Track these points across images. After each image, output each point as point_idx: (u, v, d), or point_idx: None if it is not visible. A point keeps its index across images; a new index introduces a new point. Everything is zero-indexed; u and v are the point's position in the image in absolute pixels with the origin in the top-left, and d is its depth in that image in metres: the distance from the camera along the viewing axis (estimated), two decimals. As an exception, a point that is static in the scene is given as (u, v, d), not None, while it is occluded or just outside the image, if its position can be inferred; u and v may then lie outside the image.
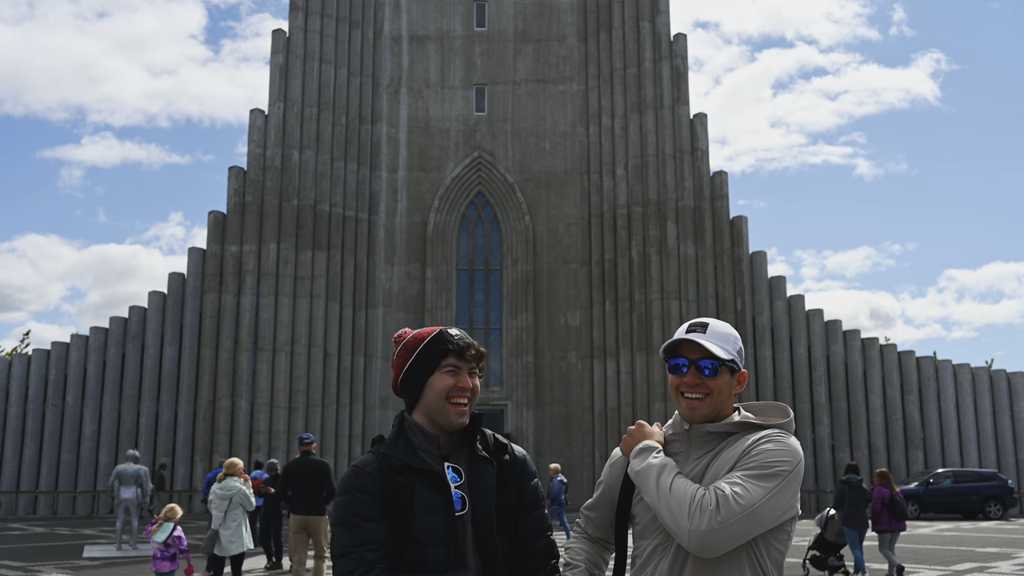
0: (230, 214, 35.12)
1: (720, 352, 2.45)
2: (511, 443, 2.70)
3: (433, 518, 2.43)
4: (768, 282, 36.20)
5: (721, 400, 2.48)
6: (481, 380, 2.65)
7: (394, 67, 39.19)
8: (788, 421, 2.51)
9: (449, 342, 2.56)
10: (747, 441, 2.42)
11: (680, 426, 2.54)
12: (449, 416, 2.52)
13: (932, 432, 35.29)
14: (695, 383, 2.46)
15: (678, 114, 37.05)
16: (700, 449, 2.49)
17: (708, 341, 2.45)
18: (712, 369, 2.45)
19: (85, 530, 24.30)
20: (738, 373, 2.53)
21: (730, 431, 2.47)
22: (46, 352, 33.94)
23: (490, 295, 38.44)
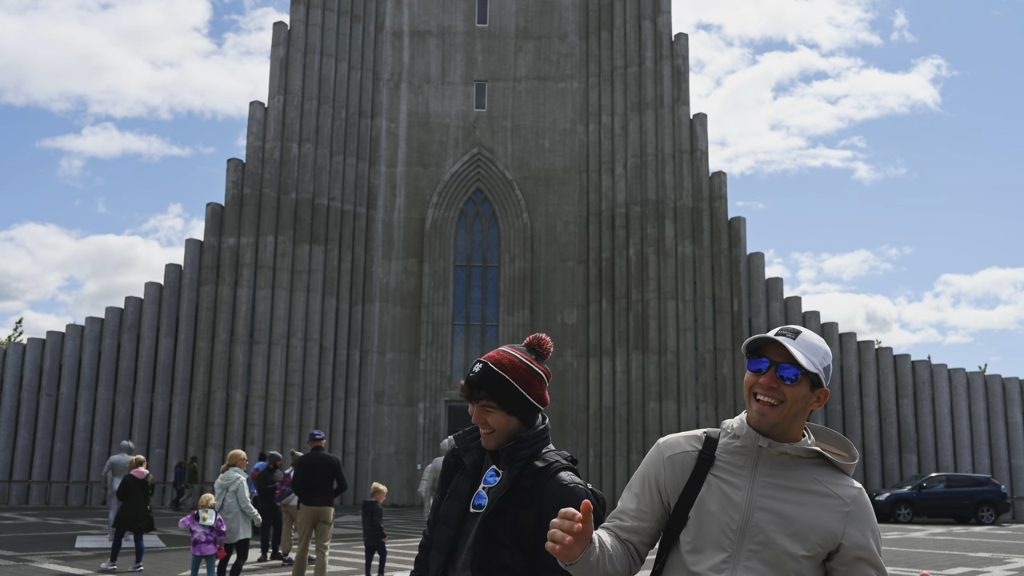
0: (228, 206, 35.07)
1: (804, 362, 2.30)
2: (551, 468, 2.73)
3: (453, 503, 2.80)
4: (765, 283, 36.21)
5: (794, 413, 2.34)
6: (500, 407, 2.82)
7: (395, 62, 39.14)
8: (854, 464, 2.42)
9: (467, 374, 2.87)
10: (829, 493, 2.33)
11: (752, 438, 2.36)
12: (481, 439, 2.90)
13: (926, 436, 35.34)
14: (771, 386, 2.32)
15: (678, 114, 37.03)
16: (770, 467, 2.35)
17: (795, 348, 2.32)
18: (792, 377, 2.31)
19: (78, 520, 24.27)
20: (819, 390, 2.38)
21: (804, 456, 2.36)
22: (41, 341, 33.87)
23: (487, 292, 38.42)
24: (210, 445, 33.10)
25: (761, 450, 2.35)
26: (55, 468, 32.73)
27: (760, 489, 2.32)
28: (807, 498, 2.30)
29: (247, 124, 35.96)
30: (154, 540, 18.47)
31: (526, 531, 2.66)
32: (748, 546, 2.28)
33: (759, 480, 2.33)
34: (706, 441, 2.45)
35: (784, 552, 2.25)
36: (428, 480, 16.21)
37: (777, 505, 2.29)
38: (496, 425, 2.80)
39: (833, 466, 2.38)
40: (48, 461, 32.86)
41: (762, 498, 2.30)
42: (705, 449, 2.43)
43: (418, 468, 35.33)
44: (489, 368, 2.80)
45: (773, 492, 2.31)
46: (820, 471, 2.35)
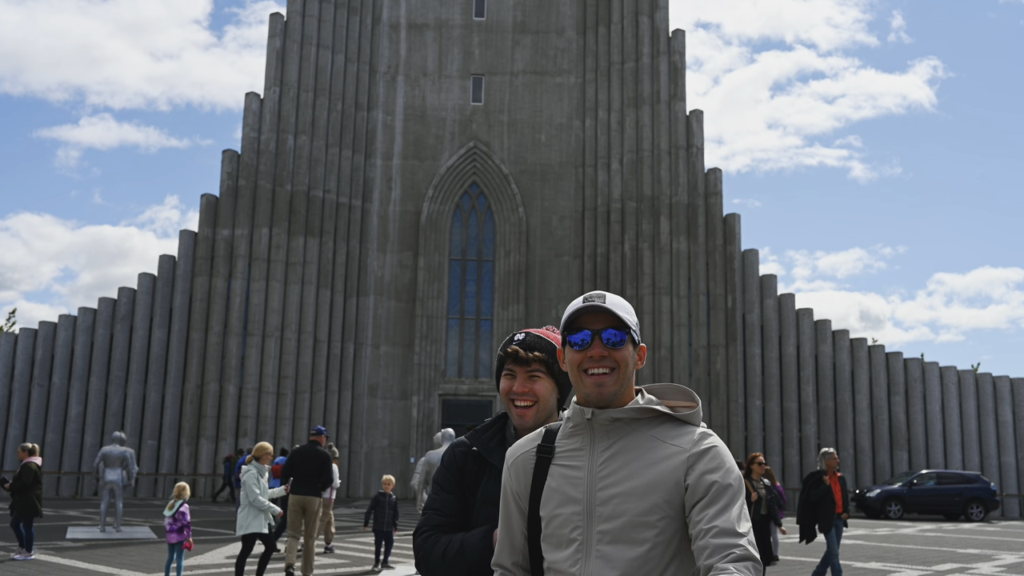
0: (223, 197, 35.00)
1: (624, 317, 2.23)
2: None
3: (491, 510, 2.58)
4: (759, 280, 36.27)
5: (628, 375, 2.24)
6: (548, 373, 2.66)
7: (391, 54, 39.06)
8: (696, 410, 2.26)
9: (505, 347, 2.69)
10: (670, 446, 2.19)
11: (580, 416, 2.24)
12: (513, 417, 2.65)
13: (917, 433, 35.47)
14: (602, 355, 2.20)
15: (674, 110, 37.03)
16: (606, 439, 2.22)
17: (611, 307, 2.23)
18: (617, 339, 2.21)
19: (69, 511, 24.26)
20: (638, 347, 2.28)
21: (635, 417, 2.23)
22: (33, 332, 33.80)
23: (482, 286, 38.42)
24: (203, 437, 33.07)
25: (593, 424, 2.23)
26: (47, 459, 32.68)
27: (599, 465, 2.19)
28: (648, 458, 2.17)
29: (243, 115, 35.88)
30: (145, 532, 18.47)
31: None
32: (598, 527, 2.15)
33: (597, 456, 2.21)
34: (545, 434, 2.35)
35: (635, 524, 2.12)
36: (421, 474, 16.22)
37: (618, 475, 2.17)
38: (541, 394, 2.63)
39: (675, 420, 2.25)
40: (40, 452, 32.81)
41: (603, 473, 2.18)
42: (544, 442, 2.33)
43: (411, 462, 35.36)
44: (536, 335, 2.68)
45: (613, 463, 2.19)
46: (660, 428, 2.22)
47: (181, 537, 10.96)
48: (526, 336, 2.68)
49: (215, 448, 33.23)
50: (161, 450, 33.19)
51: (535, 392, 2.62)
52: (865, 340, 36.37)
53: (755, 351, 35.36)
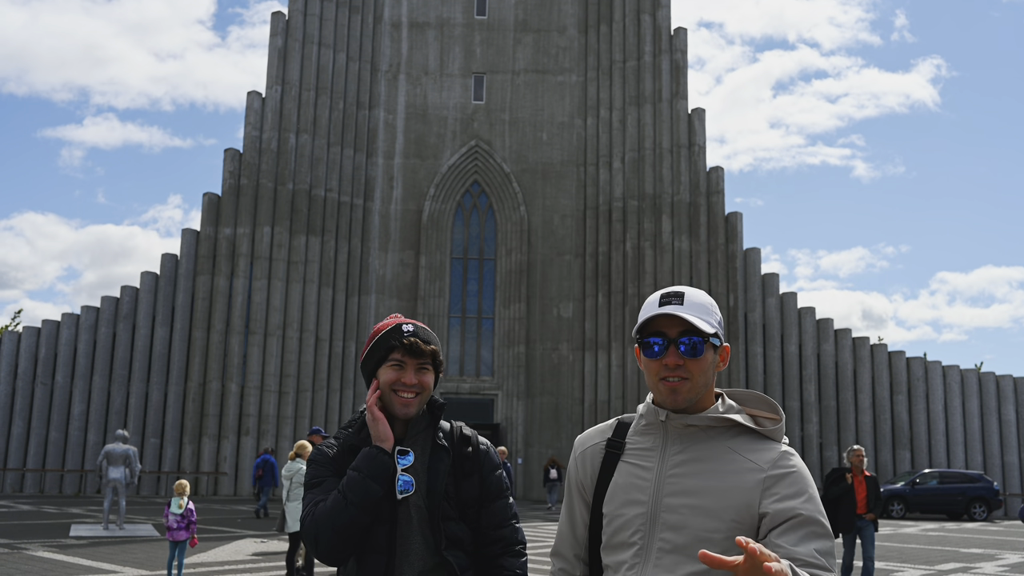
0: (225, 196, 35.00)
1: (703, 325, 2.07)
2: (475, 434, 2.76)
3: None
4: (761, 279, 36.25)
5: (705, 382, 2.11)
6: (441, 374, 2.73)
7: (393, 53, 39.05)
8: (780, 425, 2.14)
9: (397, 338, 2.64)
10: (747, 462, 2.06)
11: (655, 415, 2.15)
12: (394, 407, 2.63)
13: (920, 432, 35.45)
14: (677, 364, 2.08)
15: (676, 108, 37.00)
16: (679, 443, 2.12)
17: (688, 313, 2.08)
18: (693, 346, 2.08)
19: (72, 509, 24.28)
20: (721, 348, 2.15)
21: (713, 424, 2.11)
22: (36, 330, 33.81)
23: (483, 284, 38.42)
24: (205, 435, 33.09)
25: (667, 425, 2.13)
26: (50, 457, 32.71)
27: (670, 469, 2.09)
28: (722, 470, 2.05)
29: (245, 114, 35.89)
30: (148, 529, 18.49)
31: (469, 501, 2.65)
32: (660, 535, 2.05)
33: (668, 459, 2.11)
34: (616, 427, 2.26)
35: (699, 539, 2.00)
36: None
37: (688, 483, 2.06)
38: (428, 385, 2.67)
39: (755, 432, 2.12)
40: (43, 450, 32.84)
41: (672, 479, 2.08)
42: (615, 436, 2.24)
43: (413, 460, 35.34)
44: (422, 327, 2.71)
45: (684, 470, 2.08)
46: (738, 440, 2.10)
47: (188, 534, 11.13)
48: (415, 327, 2.68)
49: (217, 446, 33.25)
50: (164, 448, 33.21)
51: (423, 384, 2.65)
52: (867, 339, 36.35)
53: (757, 350, 35.35)
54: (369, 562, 2.58)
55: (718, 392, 2.20)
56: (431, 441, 2.68)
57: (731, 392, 2.23)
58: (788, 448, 2.13)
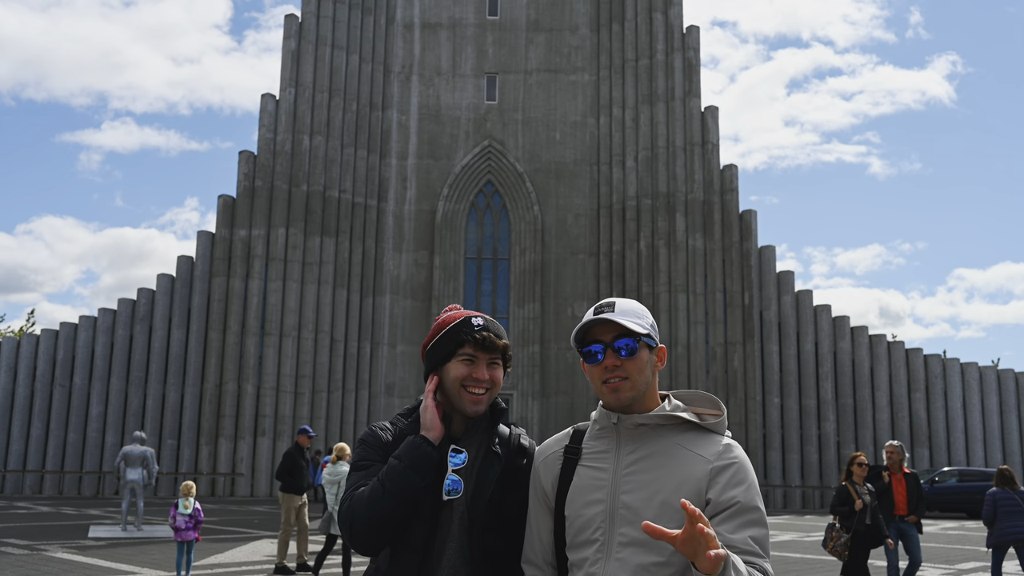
0: (240, 198, 35.14)
1: (635, 327, 2.26)
2: (533, 445, 2.65)
3: None
4: (776, 277, 36.09)
5: (644, 380, 2.29)
6: (509, 371, 2.64)
7: (405, 54, 39.10)
8: (722, 419, 2.31)
9: (468, 332, 2.55)
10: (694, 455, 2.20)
11: (607, 419, 2.32)
12: (464, 404, 2.53)
13: (938, 430, 35.21)
14: (615, 365, 2.27)
15: (689, 106, 36.90)
16: (631, 444, 2.28)
17: (619, 318, 2.28)
18: (628, 349, 2.26)
19: (91, 510, 24.42)
20: (656, 349, 2.34)
21: (660, 423, 2.28)
22: (54, 332, 34.03)
23: (497, 284, 38.42)
24: (222, 436, 33.23)
25: (619, 427, 2.29)
26: (68, 458, 32.91)
27: (624, 468, 2.25)
28: (672, 465, 2.21)
29: (258, 116, 36.01)
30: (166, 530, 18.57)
31: (512, 514, 2.52)
32: (619, 530, 2.19)
33: (623, 459, 2.26)
34: (573, 435, 2.43)
35: None
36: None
37: (641, 479, 2.21)
38: (498, 380, 2.58)
39: (701, 428, 2.29)
40: (61, 451, 33.04)
41: (627, 476, 2.23)
42: (572, 442, 2.40)
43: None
44: (491, 320, 2.64)
45: (637, 467, 2.23)
46: (685, 436, 2.26)
47: (196, 533, 11.32)
48: (485, 321, 2.60)
49: (234, 447, 33.38)
50: (181, 449, 33.35)
51: (494, 379, 2.56)
52: (884, 336, 36.13)
53: (773, 348, 35.20)
54: (403, 559, 2.48)
55: (664, 394, 2.38)
56: (486, 445, 2.57)
57: (676, 393, 2.40)
58: (731, 441, 2.29)
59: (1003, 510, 10.53)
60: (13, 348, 33.68)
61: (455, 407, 2.55)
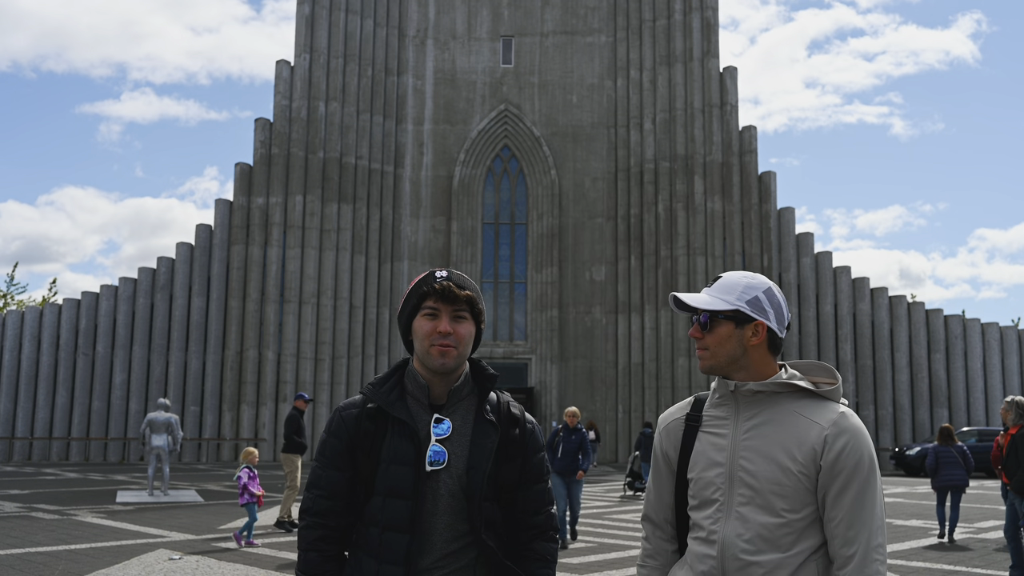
0: (256, 166, 35.18)
1: (710, 304, 2.38)
2: (523, 412, 2.57)
3: (400, 469, 2.34)
4: (795, 239, 35.88)
5: (725, 353, 2.39)
6: (481, 327, 2.50)
7: (420, 18, 38.81)
8: (837, 387, 2.39)
9: (428, 284, 2.41)
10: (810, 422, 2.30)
11: (725, 387, 2.42)
12: (432, 358, 2.38)
13: (958, 391, 35.10)
14: (695, 336, 2.43)
15: (707, 67, 36.51)
16: (749, 410, 2.38)
17: (705, 294, 2.42)
18: (703, 323, 2.40)
19: (117, 476, 24.81)
20: (751, 324, 2.38)
21: (776, 390, 2.36)
22: (76, 302, 34.35)
23: (515, 249, 38.41)
24: (243, 403, 33.58)
25: (737, 395, 2.39)
26: (93, 425, 33.37)
27: (742, 433, 2.35)
28: (788, 431, 2.31)
29: (274, 83, 35.93)
30: (192, 495, 18.86)
31: (507, 483, 2.45)
32: (738, 490, 2.30)
33: (741, 425, 2.37)
34: (694, 403, 2.52)
35: (771, 491, 2.26)
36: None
37: (758, 443, 2.32)
38: (463, 337, 2.41)
39: (816, 396, 2.37)
40: (87, 419, 33.51)
41: (745, 441, 2.34)
42: (693, 410, 2.50)
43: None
44: (458, 273, 2.49)
45: (754, 432, 2.34)
46: (801, 403, 2.35)
47: (242, 500, 11.67)
48: (449, 272, 2.45)
49: (255, 413, 33.74)
50: (204, 416, 33.75)
51: (458, 335, 2.39)
52: (904, 297, 35.93)
53: (792, 310, 35.09)
54: (387, 541, 2.33)
55: (781, 364, 2.46)
56: (474, 413, 2.45)
57: (794, 364, 2.48)
58: (846, 409, 2.37)
59: (943, 461, 12.95)
60: (36, 317, 34.05)
61: (429, 369, 2.41)
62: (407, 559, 2.31)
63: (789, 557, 2.24)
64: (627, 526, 14.43)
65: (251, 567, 9.91)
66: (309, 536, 2.41)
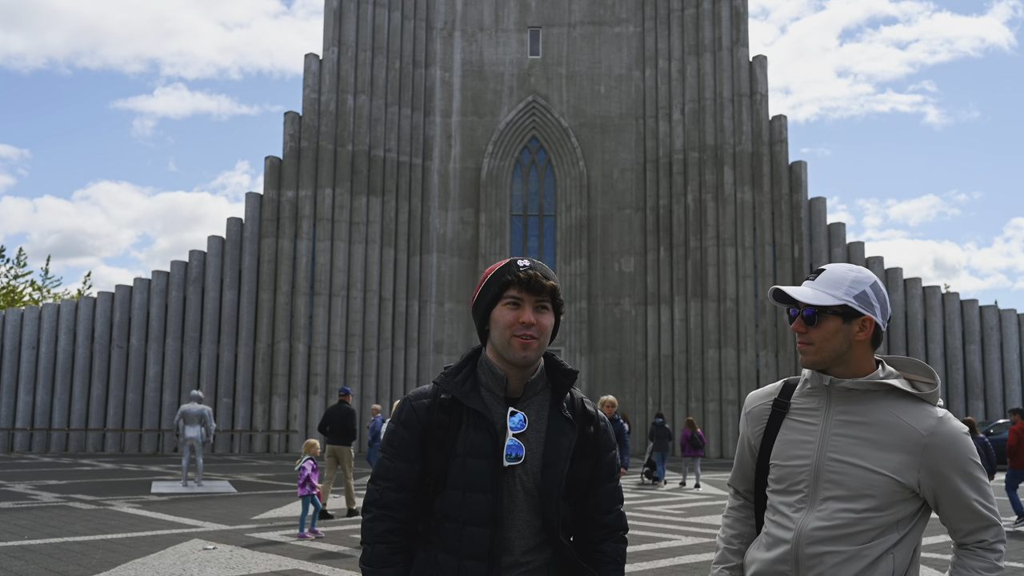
0: (286, 159, 35.41)
1: (817, 299, 2.30)
2: (596, 410, 2.51)
3: (477, 462, 2.27)
4: (827, 229, 35.55)
5: (831, 349, 2.32)
6: (562, 318, 2.42)
7: (448, 10, 38.81)
8: (936, 390, 2.33)
9: (511, 272, 2.33)
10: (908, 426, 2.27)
11: (818, 380, 2.37)
12: (513, 351, 2.30)
13: (993, 382, 34.65)
14: (799, 330, 2.36)
15: (737, 56, 36.21)
16: (842, 405, 2.34)
17: (808, 288, 2.35)
18: (807, 318, 2.33)
19: (151, 467, 25.13)
20: (858, 319, 2.32)
21: (872, 388, 2.32)
22: (111, 295, 34.80)
23: (544, 241, 38.38)
24: (275, 394, 33.87)
25: (831, 389, 2.35)
26: (128, 417, 33.84)
27: (833, 428, 2.32)
28: (882, 432, 2.28)
29: (302, 77, 36.11)
30: (225, 486, 19.06)
31: (578, 482, 2.39)
32: (823, 485, 2.30)
33: (832, 419, 2.34)
34: (783, 389, 2.49)
35: (857, 490, 2.25)
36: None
37: (850, 441, 2.29)
38: (546, 328, 2.33)
39: (913, 396, 2.32)
40: (121, 410, 33.97)
41: (835, 437, 2.31)
42: (781, 396, 2.47)
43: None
44: (539, 262, 2.41)
45: (846, 429, 2.31)
46: (896, 403, 2.31)
47: (303, 492, 11.78)
48: (532, 262, 2.38)
49: (287, 405, 34.03)
50: (236, 408, 34.10)
51: (541, 325, 2.31)
52: (938, 288, 35.50)
53: (823, 301, 34.73)
54: (468, 535, 2.26)
55: (879, 359, 2.41)
56: (548, 408, 2.38)
57: (890, 359, 2.43)
58: (945, 413, 2.32)
59: None
60: (72, 311, 34.54)
61: (507, 361, 2.33)
62: (490, 554, 2.24)
63: (865, 549, 2.25)
64: (658, 518, 14.40)
65: (284, 557, 10.00)
66: (376, 528, 2.32)
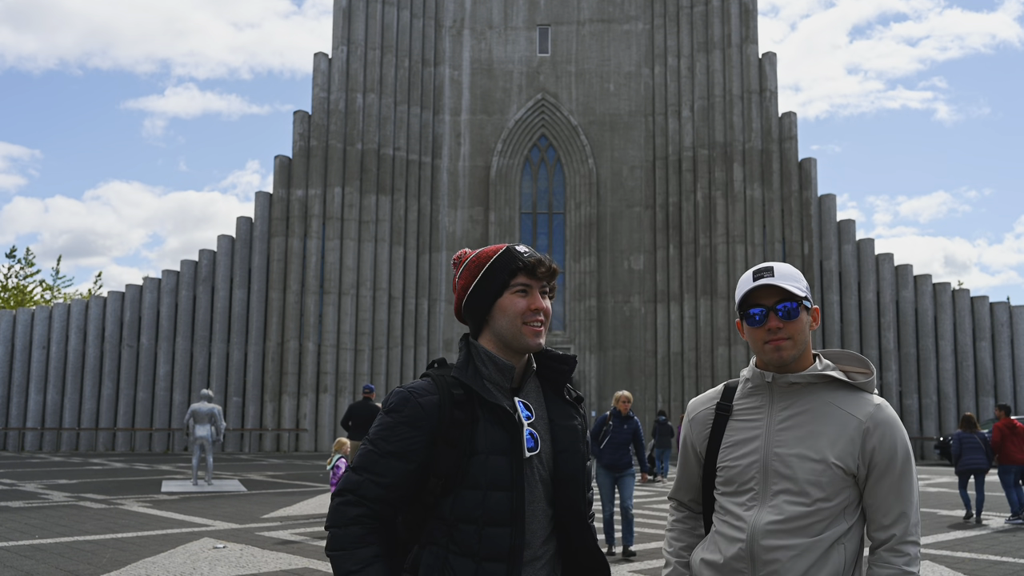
0: (295, 158, 35.46)
1: (795, 290, 2.34)
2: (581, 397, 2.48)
3: (498, 459, 2.15)
4: (837, 226, 35.42)
5: (804, 341, 2.38)
6: (552, 300, 2.39)
7: (456, 8, 38.80)
8: (872, 379, 2.41)
9: (519, 259, 2.29)
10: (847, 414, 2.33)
11: (761, 378, 2.40)
12: (526, 338, 2.23)
13: (1004, 379, 34.47)
14: (777, 328, 2.34)
15: (746, 53, 36.10)
16: (784, 400, 2.38)
17: (780, 282, 2.35)
18: (788, 311, 2.34)
19: (162, 466, 25.21)
20: (811, 310, 2.41)
21: (813, 381, 2.37)
22: (121, 294, 34.92)
23: (553, 239, 38.34)
24: (285, 393, 33.94)
25: (773, 386, 2.40)
26: (138, 416, 33.96)
27: (777, 423, 2.37)
28: (824, 421, 2.34)
29: (312, 76, 36.16)
30: (235, 484, 19.11)
31: None
32: (772, 480, 2.33)
33: (775, 415, 2.38)
34: (724, 392, 2.53)
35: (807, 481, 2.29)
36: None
37: (795, 434, 2.34)
38: (550, 313, 2.31)
39: (850, 386, 2.40)
40: (132, 409, 34.09)
41: (780, 431, 2.36)
42: (723, 399, 2.51)
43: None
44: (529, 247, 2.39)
45: (790, 423, 2.36)
46: (836, 394, 2.37)
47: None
48: (527, 248, 2.36)
49: (297, 404, 34.10)
50: (246, 407, 34.18)
51: (547, 312, 2.29)
52: (948, 284, 35.34)
53: (833, 298, 34.67)
54: (488, 536, 2.13)
55: (815, 353, 2.47)
56: (542, 394, 2.33)
57: (826, 352, 2.50)
58: (881, 400, 2.40)
59: (966, 446, 14.12)
60: (82, 310, 34.68)
61: (515, 349, 2.26)
62: (511, 554, 2.13)
63: (818, 541, 2.28)
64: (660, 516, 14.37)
65: (294, 556, 10.02)
66: (349, 512, 2.13)
